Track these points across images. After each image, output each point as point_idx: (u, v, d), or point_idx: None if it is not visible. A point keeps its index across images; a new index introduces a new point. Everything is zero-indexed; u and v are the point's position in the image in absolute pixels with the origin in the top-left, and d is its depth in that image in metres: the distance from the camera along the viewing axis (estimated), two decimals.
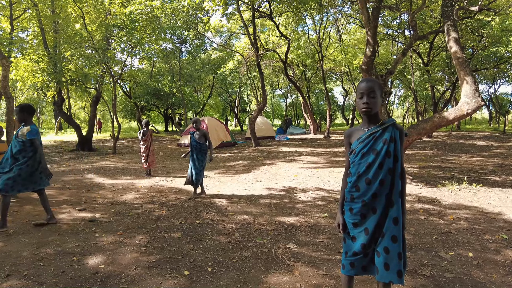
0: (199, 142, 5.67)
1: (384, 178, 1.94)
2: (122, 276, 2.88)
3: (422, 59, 19.16)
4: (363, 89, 1.96)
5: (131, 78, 19.96)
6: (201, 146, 5.65)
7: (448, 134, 21.30)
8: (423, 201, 5.34)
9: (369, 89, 1.94)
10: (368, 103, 1.95)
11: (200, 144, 5.65)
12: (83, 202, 5.29)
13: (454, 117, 6.24)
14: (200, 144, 5.65)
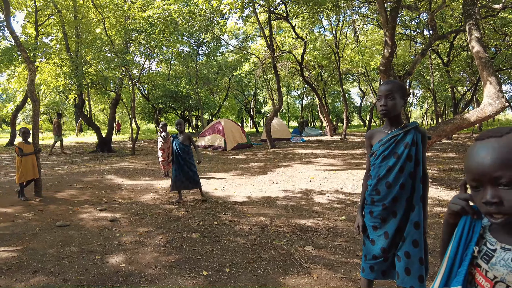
0: (184, 143, 5.48)
1: (405, 182, 1.92)
2: (142, 275, 2.94)
3: (441, 59, 18.75)
4: (382, 91, 1.95)
5: (149, 81, 20.34)
6: (185, 149, 5.47)
7: (469, 136, 20.73)
8: (444, 204, 5.22)
9: (387, 91, 1.93)
10: (385, 105, 1.93)
11: (185, 147, 5.47)
12: (103, 202, 5.42)
13: (476, 119, 6.08)
14: (185, 147, 5.47)
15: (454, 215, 0.99)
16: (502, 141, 0.85)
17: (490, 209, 0.85)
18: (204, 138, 14.71)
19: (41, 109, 30.62)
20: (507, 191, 0.82)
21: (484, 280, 0.90)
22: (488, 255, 0.91)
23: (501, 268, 0.87)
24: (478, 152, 0.88)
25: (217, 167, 9.45)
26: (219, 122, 14.55)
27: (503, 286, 0.86)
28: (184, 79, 23.71)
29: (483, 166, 0.85)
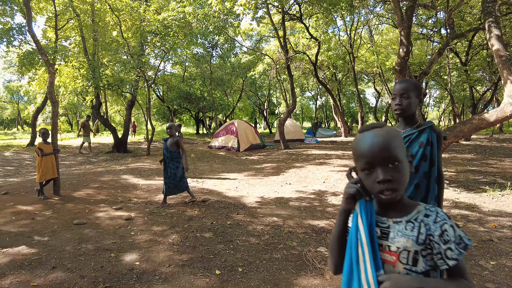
0: (170, 150, 5.25)
1: (420, 183, 1.88)
2: (156, 273, 2.98)
3: (459, 58, 18.30)
4: (396, 90, 1.93)
5: (164, 83, 20.62)
6: (171, 155, 5.26)
7: (488, 137, 20.15)
8: (461, 206, 5.10)
9: (402, 90, 1.90)
10: (400, 104, 1.91)
11: (171, 153, 5.25)
12: (119, 202, 5.52)
13: (495, 119, 5.91)
14: (171, 153, 5.25)
15: (351, 199, 1.08)
16: (384, 131, 1.04)
17: (383, 187, 1.00)
18: (218, 139, 14.80)
19: (60, 110, 31.45)
20: (394, 169, 1.00)
21: (389, 255, 1.04)
22: (385, 233, 1.06)
23: (401, 238, 1.03)
24: (368, 140, 1.03)
25: (230, 168, 9.50)
26: (232, 123, 14.62)
27: (405, 254, 1.02)
28: (199, 80, 23.93)
29: (374, 150, 1.01)
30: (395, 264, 1.04)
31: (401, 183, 1.02)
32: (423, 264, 1.01)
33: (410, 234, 1.03)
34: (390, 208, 1.08)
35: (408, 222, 1.05)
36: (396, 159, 1.01)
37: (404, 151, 1.06)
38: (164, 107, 24.22)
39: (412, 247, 1.02)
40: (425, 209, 1.07)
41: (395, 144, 1.02)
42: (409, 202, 1.11)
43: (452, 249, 0.99)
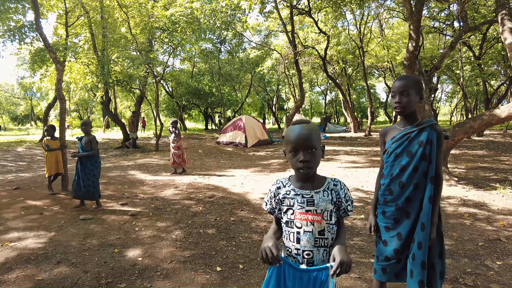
0: (85, 148, 4.91)
1: (419, 182, 1.85)
2: (158, 269, 3.01)
3: (473, 52, 17.87)
4: (396, 87, 1.89)
5: (173, 78, 20.71)
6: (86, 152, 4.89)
7: (502, 133, 19.70)
8: (469, 204, 5.00)
9: (401, 88, 1.86)
10: (400, 102, 1.87)
11: (86, 151, 4.89)
12: (125, 197, 5.59)
13: (507, 115, 5.76)
14: (86, 151, 4.89)
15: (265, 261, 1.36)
16: (308, 126, 1.42)
17: (303, 165, 1.38)
18: (225, 135, 14.83)
19: (71, 106, 31.86)
20: (311, 154, 1.38)
21: (317, 216, 1.42)
22: (311, 201, 1.43)
23: (322, 203, 1.43)
24: (296, 131, 1.40)
25: (237, 164, 9.51)
26: (240, 119, 14.62)
27: (326, 213, 1.44)
28: (207, 76, 23.95)
29: (300, 139, 1.39)
30: (321, 222, 1.43)
31: (315, 164, 1.41)
32: (334, 218, 1.46)
33: (327, 198, 1.45)
34: (309, 182, 1.47)
35: (324, 191, 1.46)
36: (314, 147, 1.39)
37: (319, 142, 1.43)
38: (173, 102, 24.34)
39: (329, 208, 1.44)
40: (332, 180, 1.50)
41: (314, 137, 1.40)
42: (321, 177, 1.50)
43: (350, 205, 1.48)
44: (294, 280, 1.38)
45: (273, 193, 1.54)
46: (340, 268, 1.27)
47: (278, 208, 1.52)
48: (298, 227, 1.44)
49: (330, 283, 1.32)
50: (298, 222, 1.44)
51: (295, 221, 1.45)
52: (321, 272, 1.35)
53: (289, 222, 1.47)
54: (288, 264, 1.40)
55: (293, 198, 1.46)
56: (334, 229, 1.46)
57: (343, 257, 1.29)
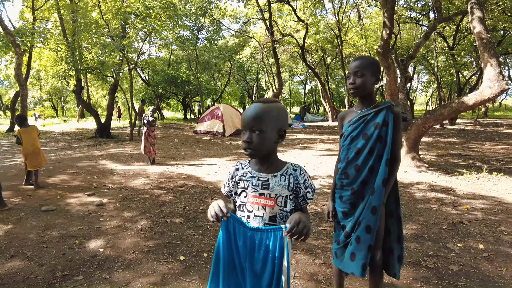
0: None
1: (374, 165, 1.81)
2: (119, 260, 2.90)
3: (447, 42, 18.27)
4: (351, 68, 1.83)
5: (148, 66, 20.14)
6: None
7: (473, 121, 20.39)
8: (437, 189, 5.11)
9: (356, 68, 1.80)
10: (354, 83, 1.81)
11: None
12: (93, 187, 5.39)
13: (474, 102, 5.90)
14: None
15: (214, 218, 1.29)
16: (263, 106, 1.32)
17: (245, 146, 1.33)
18: (203, 124, 14.62)
19: (43, 95, 30.62)
20: (256, 135, 1.30)
21: (270, 200, 1.34)
22: (266, 184, 1.36)
23: (277, 187, 1.36)
24: (248, 109, 1.34)
25: (213, 153, 9.39)
26: (218, 107, 14.42)
27: (280, 198, 1.35)
28: (184, 64, 23.46)
29: (247, 118, 1.31)
30: (273, 207, 1.35)
31: (258, 146, 1.31)
32: (289, 206, 1.38)
33: (284, 183, 1.36)
34: (268, 166, 1.39)
35: (282, 175, 1.38)
36: (260, 129, 1.30)
37: (273, 124, 1.32)
38: (149, 91, 23.76)
39: (285, 193, 1.36)
40: (292, 165, 1.41)
41: (264, 117, 1.30)
42: (281, 161, 1.42)
43: (310, 192, 1.39)
44: (245, 240, 1.30)
45: (231, 174, 1.48)
46: (296, 227, 1.16)
47: (234, 190, 1.45)
48: (249, 210, 1.37)
49: (284, 245, 1.22)
50: (249, 206, 1.37)
51: (247, 204, 1.38)
52: (274, 232, 1.26)
53: (241, 205, 1.41)
54: (238, 221, 1.31)
55: (248, 180, 1.39)
56: (287, 217, 1.36)
57: (300, 217, 1.19)
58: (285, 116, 1.37)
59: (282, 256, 1.23)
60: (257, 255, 1.29)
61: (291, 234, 1.17)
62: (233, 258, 1.32)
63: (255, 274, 1.30)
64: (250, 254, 1.30)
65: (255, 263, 1.29)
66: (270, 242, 1.26)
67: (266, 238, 1.27)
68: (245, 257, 1.31)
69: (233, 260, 1.33)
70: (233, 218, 1.31)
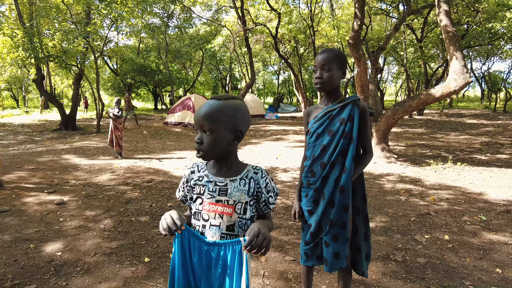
0: None
1: (335, 160, 1.74)
2: (78, 264, 2.71)
3: (415, 35, 18.74)
4: (317, 62, 1.73)
5: (115, 54, 19.31)
6: None
7: (439, 112, 21.20)
8: (406, 181, 5.22)
9: (323, 61, 1.71)
10: (320, 77, 1.72)
11: None
12: (54, 184, 5.07)
13: (441, 94, 6.05)
14: None
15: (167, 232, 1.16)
16: (217, 103, 1.18)
17: (196, 147, 1.20)
18: (174, 115, 14.24)
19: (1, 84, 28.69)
20: (207, 136, 1.17)
21: (227, 208, 1.21)
22: (223, 190, 1.23)
23: (236, 193, 1.23)
24: (201, 107, 1.20)
25: (184, 145, 9.15)
26: (189, 98, 14.07)
27: (239, 205, 1.22)
28: (154, 52, 22.69)
29: (198, 115, 1.18)
30: (232, 215, 1.22)
31: (209, 149, 1.19)
32: (249, 213, 1.25)
33: (243, 188, 1.24)
34: (226, 169, 1.26)
35: (241, 179, 1.25)
36: (210, 129, 1.17)
37: (228, 124, 1.18)
38: (118, 80, 22.85)
39: (244, 199, 1.23)
40: (253, 168, 1.28)
41: (216, 116, 1.16)
42: (241, 164, 1.29)
43: (272, 197, 1.28)
44: (201, 255, 1.17)
45: (186, 178, 1.32)
46: (256, 240, 1.05)
47: (190, 196, 1.30)
48: (205, 219, 1.23)
49: (243, 260, 1.10)
50: (205, 214, 1.22)
51: (202, 212, 1.23)
52: (232, 246, 1.14)
53: (197, 213, 1.26)
54: (193, 235, 1.17)
55: (205, 185, 1.24)
56: (247, 225, 1.23)
57: (260, 228, 1.08)
58: (244, 116, 1.22)
59: (241, 272, 1.11)
60: (213, 272, 1.17)
61: (249, 248, 1.06)
62: (189, 277, 1.19)
63: None
64: (206, 272, 1.18)
65: (212, 281, 1.17)
66: (228, 257, 1.14)
67: (224, 253, 1.15)
68: (200, 275, 1.18)
69: (189, 279, 1.19)
70: (188, 231, 1.17)
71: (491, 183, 5.04)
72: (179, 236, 1.16)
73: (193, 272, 1.18)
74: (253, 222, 1.26)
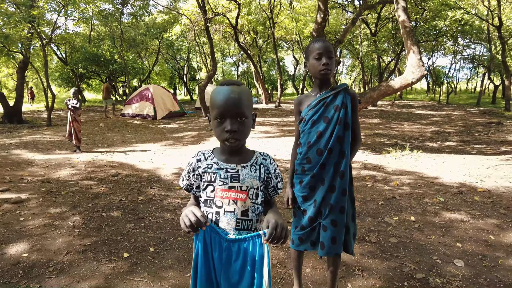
0: None
1: (333, 147, 1.80)
2: (50, 265, 2.54)
3: (370, 29, 19.57)
4: (322, 48, 1.77)
5: (65, 42, 17.98)
6: None
7: (391, 103, 22.46)
8: (369, 168, 5.50)
9: (327, 49, 1.76)
10: (328, 64, 1.77)
11: None
12: (6, 182, 4.67)
13: (400, 86, 6.41)
14: None
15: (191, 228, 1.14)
16: (239, 89, 1.18)
17: (229, 136, 1.16)
18: (131, 106, 13.65)
19: None
20: (240, 123, 1.17)
21: (241, 194, 1.23)
22: (235, 176, 1.23)
23: (248, 179, 1.24)
24: (224, 94, 1.16)
25: (145, 138, 8.84)
26: (147, 88, 13.55)
27: (252, 191, 1.25)
28: (108, 41, 21.47)
29: (228, 104, 1.15)
30: (245, 201, 1.24)
31: (244, 135, 1.21)
32: (260, 198, 1.28)
33: (254, 174, 1.26)
34: (236, 156, 1.26)
35: (252, 165, 1.27)
36: (244, 115, 1.17)
37: (251, 109, 1.22)
38: (68, 70, 21.36)
39: (256, 185, 1.26)
40: (261, 155, 1.32)
41: (245, 102, 1.18)
42: (249, 150, 1.31)
43: (280, 182, 1.34)
44: (221, 251, 1.18)
45: (192, 166, 1.30)
46: (275, 232, 1.09)
47: (197, 184, 1.30)
48: (218, 206, 1.23)
49: (265, 252, 1.13)
50: (218, 201, 1.23)
51: (215, 199, 1.23)
52: (253, 240, 1.16)
53: (208, 201, 1.25)
54: (214, 231, 1.18)
55: (215, 173, 1.24)
56: (259, 210, 1.28)
57: (277, 219, 1.12)
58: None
59: (262, 267, 1.13)
60: (234, 266, 1.18)
61: (270, 240, 1.09)
62: (211, 272, 1.20)
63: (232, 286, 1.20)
64: (225, 268, 1.19)
65: (232, 276, 1.18)
66: (249, 251, 1.16)
67: (244, 248, 1.17)
68: (220, 270, 1.19)
69: (211, 274, 1.20)
70: (210, 228, 1.19)
71: (444, 168, 5.48)
72: (202, 233, 1.16)
73: (214, 268, 1.19)
74: (262, 206, 1.30)
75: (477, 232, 3.13)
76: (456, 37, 21.19)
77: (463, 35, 21.67)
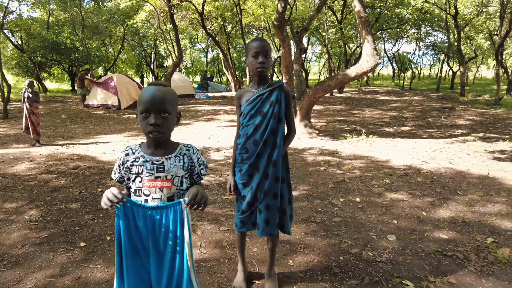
0: None
1: (267, 138, 2.00)
2: (4, 258, 2.60)
3: (336, 16, 19.90)
4: (259, 48, 1.95)
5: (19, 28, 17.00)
6: None
7: (357, 90, 23.15)
8: (325, 153, 5.80)
9: (264, 48, 1.94)
10: (264, 62, 1.95)
11: None
12: None
13: (356, 74, 6.71)
14: None
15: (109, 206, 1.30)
16: (166, 89, 1.36)
17: (153, 129, 1.32)
18: (95, 97, 13.28)
19: None
20: (163, 118, 1.33)
21: (166, 182, 1.40)
22: (161, 167, 1.40)
23: (173, 169, 1.41)
24: (151, 91, 1.33)
25: (108, 129, 8.72)
26: (111, 77, 13.20)
27: (177, 179, 1.42)
28: (68, 28, 20.50)
29: (154, 99, 1.31)
30: (171, 188, 1.41)
31: (167, 129, 1.37)
32: (185, 184, 1.46)
33: (178, 164, 1.43)
34: (161, 149, 1.43)
35: (176, 156, 1.44)
36: (167, 111, 1.34)
37: (175, 108, 1.40)
38: (25, 58, 20.27)
39: (181, 173, 1.43)
40: (184, 146, 1.48)
41: (169, 100, 1.35)
42: (174, 143, 1.47)
43: (204, 169, 1.51)
44: (145, 219, 1.34)
45: (121, 160, 1.46)
46: (194, 199, 1.28)
47: (127, 176, 1.46)
48: (146, 194, 1.40)
49: (184, 216, 1.31)
50: (146, 190, 1.40)
51: (143, 189, 1.40)
52: (174, 207, 1.34)
53: (137, 191, 1.42)
54: (135, 205, 1.34)
55: (142, 165, 1.40)
56: (184, 194, 1.45)
57: (198, 189, 1.31)
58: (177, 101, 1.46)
59: (183, 228, 1.32)
60: (158, 233, 1.36)
61: (190, 206, 1.28)
62: (134, 242, 1.36)
63: (158, 252, 1.37)
64: (152, 233, 1.36)
65: (158, 238, 1.36)
66: (170, 217, 1.34)
67: (166, 214, 1.34)
68: (147, 237, 1.36)
69: (135, 244, 1.36)
70: (130, 202, 1.34)
71: (396, 152, 5.88)
72: (122, 208, 1.31)
73: (139, 237, 1.36)
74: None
75: (412, 210, 3.48)
76: (418, 24, 22.03)
77: (425, 23, 22.58)
